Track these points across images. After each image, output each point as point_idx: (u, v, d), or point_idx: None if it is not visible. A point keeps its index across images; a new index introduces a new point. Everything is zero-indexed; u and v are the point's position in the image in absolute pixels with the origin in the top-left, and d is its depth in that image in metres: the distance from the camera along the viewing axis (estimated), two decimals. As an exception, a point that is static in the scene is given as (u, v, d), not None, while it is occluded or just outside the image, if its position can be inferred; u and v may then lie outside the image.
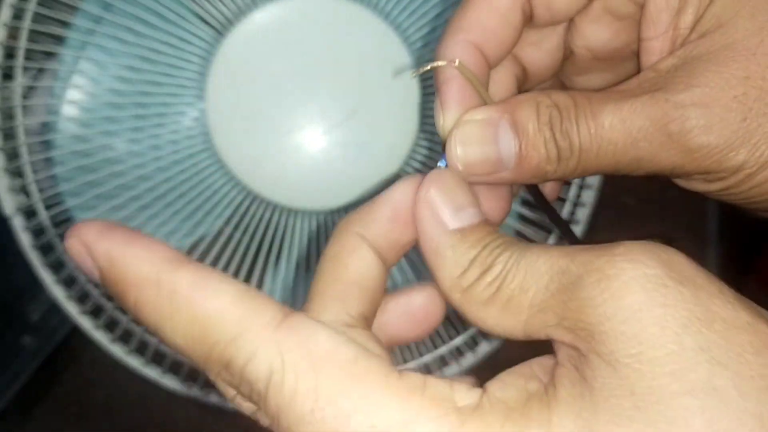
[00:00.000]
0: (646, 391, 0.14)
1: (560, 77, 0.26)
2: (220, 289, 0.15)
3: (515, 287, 0.16)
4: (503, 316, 0.17)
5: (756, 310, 0.15)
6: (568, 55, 0.25)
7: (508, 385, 0.16)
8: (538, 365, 0.17)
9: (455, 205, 0.18)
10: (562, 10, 0.23)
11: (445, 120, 0.21)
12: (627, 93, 0.20)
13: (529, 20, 0.23)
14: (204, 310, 0.15)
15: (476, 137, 0.20)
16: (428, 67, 0.21)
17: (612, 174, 0.22)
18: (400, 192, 0.19)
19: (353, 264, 0.18)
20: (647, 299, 0.15)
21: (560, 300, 0.16)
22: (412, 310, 0.20)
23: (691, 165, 0.20)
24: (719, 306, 0.15)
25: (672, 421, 0.14)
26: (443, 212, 0.18)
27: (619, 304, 0.15)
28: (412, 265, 0.45)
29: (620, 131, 0.20)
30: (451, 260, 0.17)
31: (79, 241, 0.16)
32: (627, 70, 0.25)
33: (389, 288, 0.19)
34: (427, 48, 0.44)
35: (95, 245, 0.15)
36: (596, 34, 0.24)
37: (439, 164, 0.21)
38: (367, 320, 0.18)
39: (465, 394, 0.15)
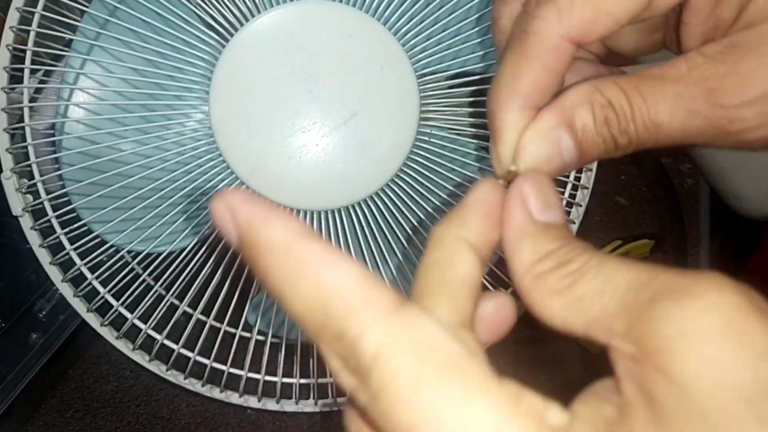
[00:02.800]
0: (720, 416, 0.14)
1: None
2: (344, 266, 0.16)
3: (590, 289, 0.17)
4: (569, 311, 0.17)
5: None
6: None
7: (592, 408, 0.16)
8: (603, 388, 0.16)
9: (545, 201, 0.19)
10: (612, 31, 0.23)
11: (503, 155, 0.22)
12: (679, 86, 0.22)
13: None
14: (327, 282, 0.15)
15: (541, 153, 0.22)
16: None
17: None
18: (486, 192, 0.20)
19: (460, 266, 0.19)
20: (727, 323, 0.15)
21: (633, 311, 0.16)
22: (483, 315, 0.20)
23: (747, 148, 0.22)
24: None
25: None
26: (532, 204, 0.19)
27: (697, 324, 0.15)
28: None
29: (678, 129, 0.21)
30: (529, 247, 0.18)
31: (224, 204, 0.17)
32: (655, 25, 0.26)
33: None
34: (424, 52, 0.45)
35: (238, 208, 0.16)
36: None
37: None
38: (472, 321, 0.19)
39: (557, 413, 0.15)
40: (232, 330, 0.50)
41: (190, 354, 0.50)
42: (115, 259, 0.48)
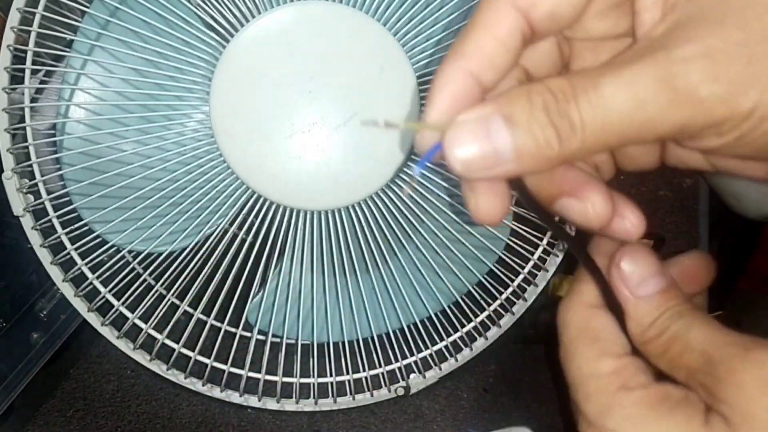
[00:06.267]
0: None
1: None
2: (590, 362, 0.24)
3: (677, 352, 0.22)
4: (669, 370, 0.23)
5: None
6: (566, 48, 0.25)
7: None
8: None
9: (640, 276, 0.24)
10: (566, 16, 0.22)
11: (429, 115, 0.22)
12: (625, 60, 0.20)
13: (529, 41, 0.23)
14: (576, 371, 0.24)
15: (469, 136, 0.21)
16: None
17: (619, 147, 0.24)
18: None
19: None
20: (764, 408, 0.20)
21: (705, 381, 0.21)
22: (684, 271, 0.25)
23: (702, 118, 0.20)
24: None
25: None
26: (630, 282, 0.24)
27: (744, 410, 0.20)
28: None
29: (624, 97, 0.20)
30: (634, 320, 0.24)
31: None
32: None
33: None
34: (424, 52, 0.45)
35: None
36: (598, 25, 0.24)
37: (415, 168, 0.23)
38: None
39: None
40: (233, 329, 0.50)
41: (190, 353, 0.50)
42: (115, 259, 0.48)
